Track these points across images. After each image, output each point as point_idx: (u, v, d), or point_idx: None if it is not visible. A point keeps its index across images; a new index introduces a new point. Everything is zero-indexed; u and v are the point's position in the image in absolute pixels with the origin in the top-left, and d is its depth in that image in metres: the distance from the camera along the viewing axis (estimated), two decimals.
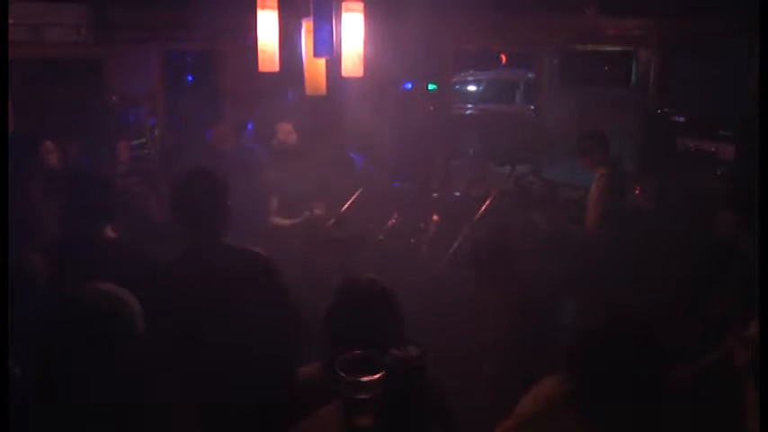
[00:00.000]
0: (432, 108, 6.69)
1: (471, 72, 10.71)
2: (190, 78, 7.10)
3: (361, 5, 2.76)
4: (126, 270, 1.99)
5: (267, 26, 2.83)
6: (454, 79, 8.93)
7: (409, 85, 6.79)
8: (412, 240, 5.01)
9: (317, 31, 2.57)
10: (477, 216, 4.91)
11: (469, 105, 10.30)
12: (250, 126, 5.89)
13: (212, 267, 2.19)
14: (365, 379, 1.44)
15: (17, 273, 2.14)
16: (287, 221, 4.56)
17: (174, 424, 1.78)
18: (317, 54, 2.62)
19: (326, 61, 2.84)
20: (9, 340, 1.72)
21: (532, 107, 8.01)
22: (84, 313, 1.69)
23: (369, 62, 2.81)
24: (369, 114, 5.79)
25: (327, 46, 2.60)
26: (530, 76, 9.50)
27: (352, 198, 4.56)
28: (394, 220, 4.97)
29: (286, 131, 4.76)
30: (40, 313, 2.17)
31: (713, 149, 5.07)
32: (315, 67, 2.88)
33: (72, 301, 1.74)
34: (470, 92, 10.79)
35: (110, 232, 2.73)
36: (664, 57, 5.93)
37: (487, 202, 4.90)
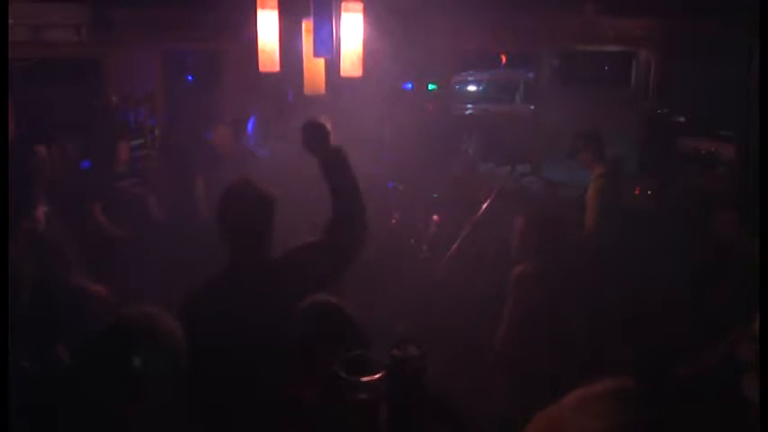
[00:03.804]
0: (431, 108, 6.69)
1: (471, 72, 10.70)
2: (190, 78, 7.10)
3: (360, 6, 2.76)
4: None
5: (267, 26, 2.83)
6: (454, 79, 8.93)
7: (409, 85, 6.79)
8: (412, 240, 5.02)
9: (316, 31, 2.57)
10: (477, 216, 4.91)
11: (469, 105, 10.30)
12: (250, 127, 5.89)
13: (255, 286, 2.13)
14: (365, 379, 1.44)
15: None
16: None
17: None
18: (316, 54, 2.62)
19: (325, 61, 2.84)
20: (9, 340, 1.72)
21: (532, 107, 8.01)
22: (123, 336, 1.67)
23: (368, 62, 2.81)
24: (368, 114, 5.79)
25: (327, 46, 2.60)
26: (530, 76, 9.49)
27: None
28: (394, 221, 4.97)
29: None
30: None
31: (713, 149, 5.08)
32: (314, 67, 2.89)
33: (114, 325, 1.73)
34: (470, 92, 10.78)
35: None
36: (664, 57, 5.93)
37: (487, 202, 4.91)
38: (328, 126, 2.30)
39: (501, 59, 10.82)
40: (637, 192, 5.08)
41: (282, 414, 1.79)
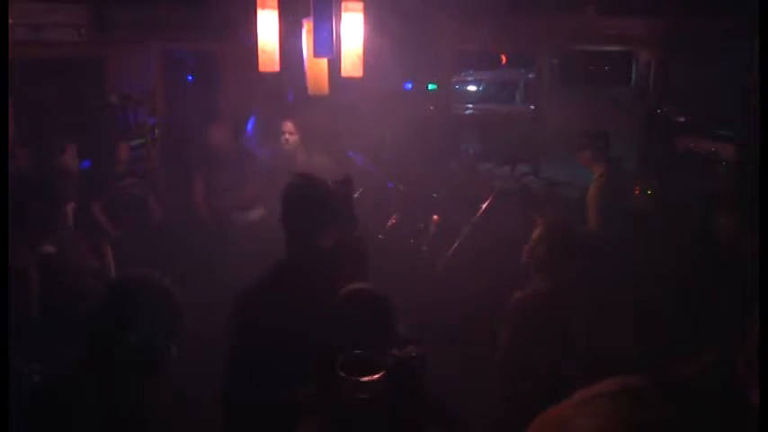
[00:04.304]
0: (432, 108, 6.69)
1: (471, 72, 10.71)
2: (190, 78, 7.09)
3: (360, 5, 2.76)
4: None
5: (267, 26, 2.83)
6: (454, 79, 8.93)
7: (409, 85, 6.79)
8: (412, 240, 5.02)
9: (316, 32, 2.57)
10: (477, 216, 4.92)
11: (469, 105, 10.30)
12: (250, 127, 5.89)
13: (312, 275, 2.19)
14: (365, 379, 1.44)
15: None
16: None
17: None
18: (317, 54, 2.62)
19: (328, 61, 2.84)
20: (9, 340, 1.73)
21: (532, 107, 8.01)
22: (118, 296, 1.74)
23: (368, 62, 2.81)
24: (369, 114, 5.79)
25: (327, 46, 2.60)
26: (530, 76, 9.49)
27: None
28: (394, 220, 4.98)
29: (289, 130, 4.69)
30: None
31: (713, 149, 5.07)
32: (317, 67, 2.89)
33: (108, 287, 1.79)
34: (470, 92, 10.78)
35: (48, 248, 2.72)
36: (664, 57, 5.92)
37: (487, 202, 4.91)
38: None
39: (501, 59, 10.82)
40: (637, 192, 5.08)
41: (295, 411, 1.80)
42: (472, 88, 10.82)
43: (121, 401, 1.65)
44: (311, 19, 2.59)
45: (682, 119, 5.42)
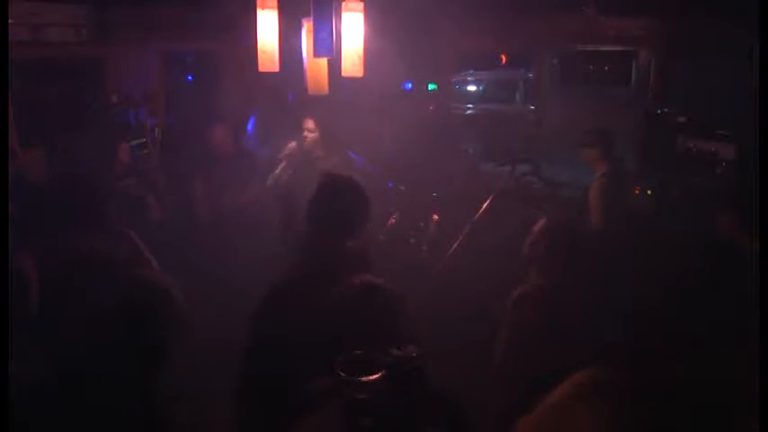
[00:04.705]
0: (432, 108, 6.69)
1: (471, 72, 10.71)
2: (190, 78, 7.09)
3: (361, 5, 2.76)
4: None
5: (267, 26, 2.83)
6: (454, 79, 8.93)
7: (409, 85, 6.79)
8: (412, 240, 5.02)
9: (316, 31, 2.57)
10: (477, 216, 4.92)
11: (469, 105, 10.30)
12: (250, 127, 5.89)
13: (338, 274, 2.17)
14: (365, 379, 1.44)
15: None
16: None
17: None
18: (316, 54, 2.62)
19: (328, 61, 2.84)
20: (9, 340, 1.73)
21: (532, 107, 8.01)
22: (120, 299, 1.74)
23: (368, 62, 2.81)
24: (369, 114, 5.79)
25: (327, 46, 2.60)
26: (530, 76, 9.50)
27: None
28: (394, 220, 4.97)
29: (309, 128, 4.58)
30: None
31: (713, 149, 5.07)
32: (317, 67, 2.89)
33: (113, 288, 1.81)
34: (470, 92, 10.79)
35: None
36: (664, 57, 5.92)
37: (487, 202, 4.91)
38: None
39: (501, 59, 10.81)
40: (637, 192, 5.08)
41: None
42: (472, 88, 10.83)
43: (124, 401, 1.65)
44: (311, 19, 2.59)
45: (682, 119, 5.41)
